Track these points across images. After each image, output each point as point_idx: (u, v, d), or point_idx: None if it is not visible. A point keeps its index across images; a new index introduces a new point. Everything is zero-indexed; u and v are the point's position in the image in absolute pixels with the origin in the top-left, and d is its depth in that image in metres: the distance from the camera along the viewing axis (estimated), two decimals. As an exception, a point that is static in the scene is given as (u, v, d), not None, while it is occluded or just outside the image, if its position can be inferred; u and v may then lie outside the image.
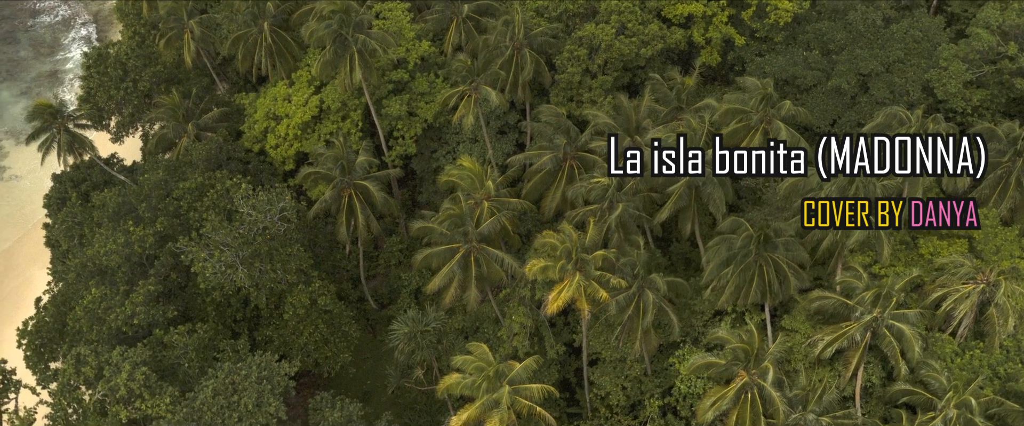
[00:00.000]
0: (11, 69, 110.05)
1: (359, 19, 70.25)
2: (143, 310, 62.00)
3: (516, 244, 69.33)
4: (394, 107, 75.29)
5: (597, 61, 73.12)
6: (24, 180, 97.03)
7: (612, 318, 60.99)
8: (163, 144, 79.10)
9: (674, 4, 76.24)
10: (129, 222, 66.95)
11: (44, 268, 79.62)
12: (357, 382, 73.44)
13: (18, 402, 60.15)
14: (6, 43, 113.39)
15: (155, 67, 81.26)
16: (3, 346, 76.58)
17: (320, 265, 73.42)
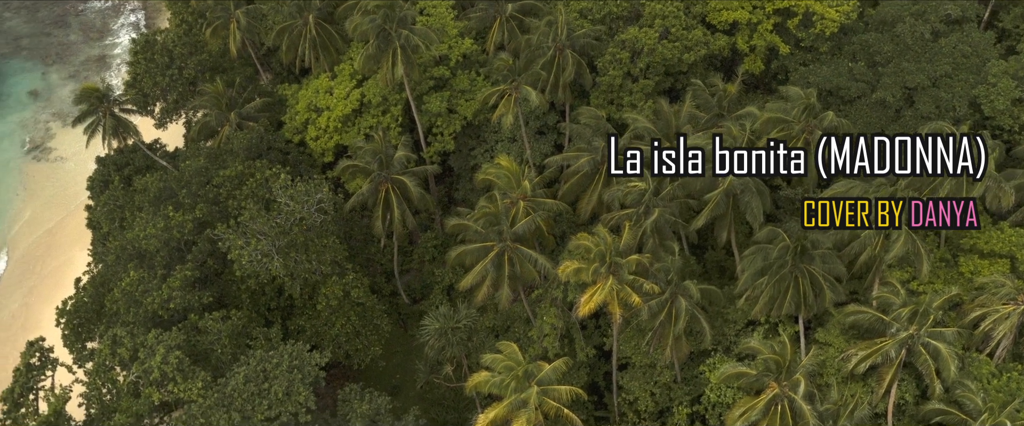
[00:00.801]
0: (61, 52, 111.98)
1: (403, 15, 70.59)
2: (179, 295, 62.77)
3: (550, 245, 69.27)
4: (434, 103, 75.55)
5: (639, 65, 72.85)
6: (69, 162, 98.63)
7: (644, 323, 60.75)
8: (205, 132, 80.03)
9: (719, 10, 75.79)
10: (169, 207, 67.82)
11: (85, 249, 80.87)
12: (387, 375, 73.82)
13: (54, 380, 61.13)
14: (57, 27, 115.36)
15: (201, 55, 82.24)
16: (42, 324, 77.98)
17: (354, 258, 73.87)
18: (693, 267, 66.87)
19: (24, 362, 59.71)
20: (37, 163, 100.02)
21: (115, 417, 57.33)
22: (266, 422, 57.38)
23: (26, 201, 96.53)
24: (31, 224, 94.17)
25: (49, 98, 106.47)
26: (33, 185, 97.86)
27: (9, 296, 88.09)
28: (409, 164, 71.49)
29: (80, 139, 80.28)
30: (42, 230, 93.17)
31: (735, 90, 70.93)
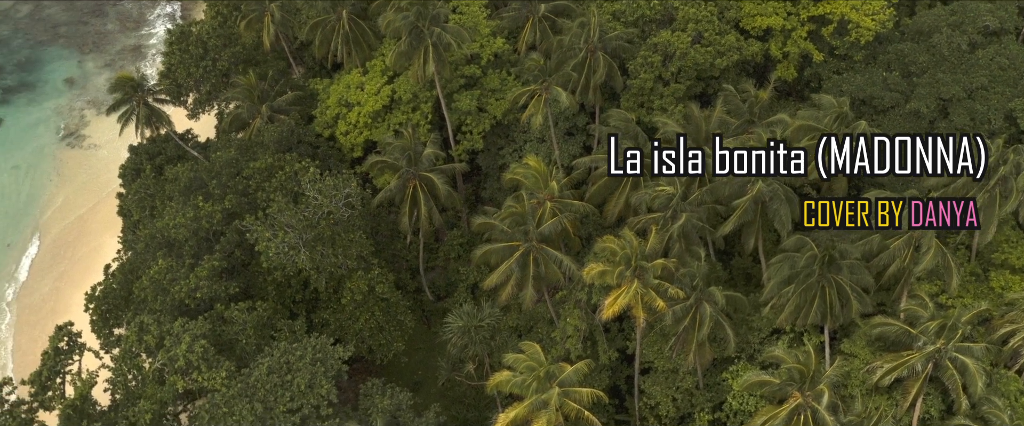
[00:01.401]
0: (98, 41, 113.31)
1: (436, 12, 70.76)
2: (206, 284, 63.31)
3: (576, 246, 69.17)
4: (464, 102, 75.67)
5: (671, 69, 72.58)
6: (102, 149, 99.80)
7: (667, 328, 60.51)
8: (237, 123, 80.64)
9: (753, 16, 75.37)
10: (199, 197, 68.41)
11: (115, 236, 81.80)
12: (408, 371, 74.04)
13: (81, 364, 61.86)
14: (95, 16, 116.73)
15: (234, 48, 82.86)
16: (71, 309, 78.97)
17: (380, 253, 74.16)
18: (719, 273, 66.52)
19: (52, 346, 60.48)
20: (71, 150, 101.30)
21: (140, 403, 57.91)
22: (288, 414, 57.75)
23: (59, 187, 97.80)
24: (63, 209, 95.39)
25: (85, 86, 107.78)
26: (66, 171, 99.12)
27: (40, 280, 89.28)
28: (437, 161, 71.66)
29: (114, 127, 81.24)
30: (74, 216, 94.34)
31: (767, 96, 70.48)
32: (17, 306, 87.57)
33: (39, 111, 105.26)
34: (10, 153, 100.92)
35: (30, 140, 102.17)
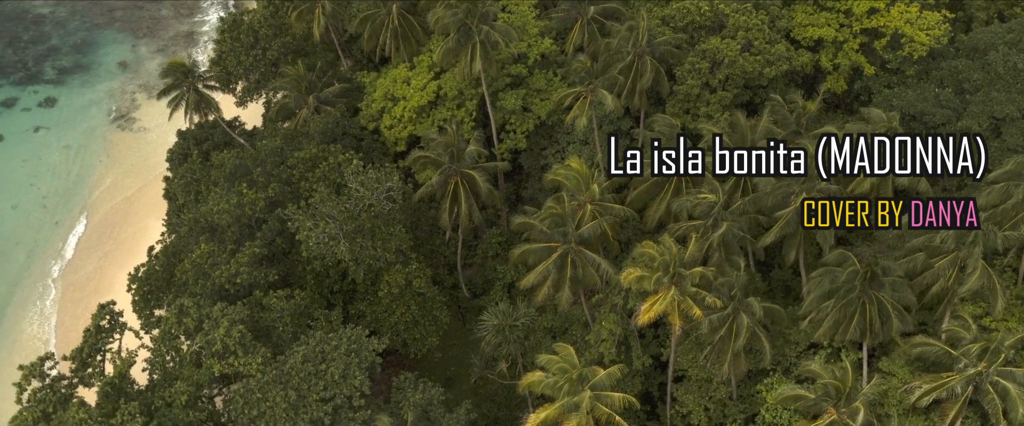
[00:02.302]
0: (152, 26, 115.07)
1: (485, 10, 70.90)
2: (246, 270, 64.03)
3: (615, 250, 68.95)
4: (509, 101, 75.74)
5: (718, 76, 72.04)
6: (151, 133, 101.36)
7: (703, 337, 60.09)
8: (283, 113, 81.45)
9: (805, 26, 74.62)
10: (243, 184, 69.20)
11: (160, 219, 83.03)
12: (441, 367, 74.29)
13: (122, 343, 62.84)
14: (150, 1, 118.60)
15: (285, 38, 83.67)
16: (114, 288, 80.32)
17: (419, 248, 74.49)
18: (758, 284, 65.92)
19: (94, 323, 61.46)
20: (121, 132, 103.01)
21: (176, 384, 58.71)
22: (320, 403, 58.24)
23: (108, 168, 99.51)
24: (111, 190, 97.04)
25: (137, 70, 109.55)
26: (116, 153, 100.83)
27: (86, 258, 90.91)
28: (480, 159, 71.80)
29: (163, 111, 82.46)
30: (121, 197, 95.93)
31: (815, 108, 69.68)
32: (62, 283, 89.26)
33: (92, 93, 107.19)
34: (63, 132, 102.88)
35: (82, 121, 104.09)
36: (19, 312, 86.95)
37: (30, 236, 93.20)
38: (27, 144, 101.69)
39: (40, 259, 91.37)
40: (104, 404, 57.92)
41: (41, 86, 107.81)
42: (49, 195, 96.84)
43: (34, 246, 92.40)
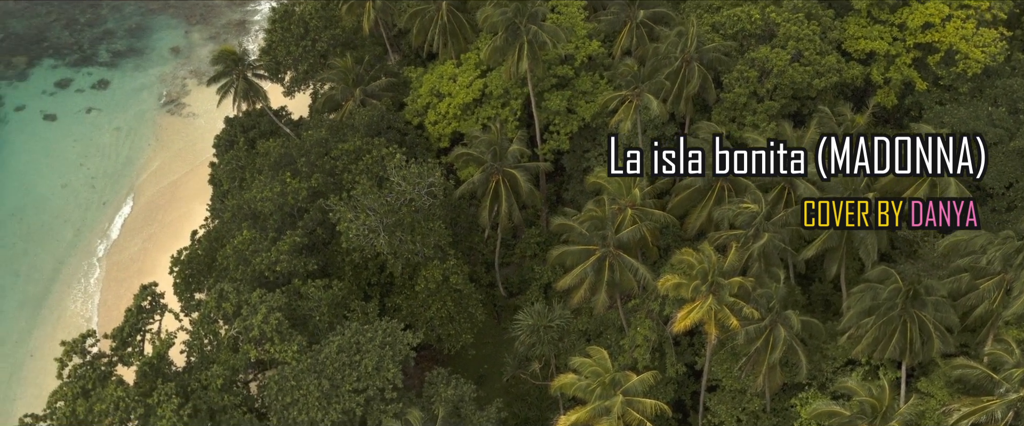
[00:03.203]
0: (205, 14, 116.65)
1: (534, 10, 70.88)
2: (286, 259, 64.68)
3: (653, 256, 68.62)
4: (554, 101, 75.68)
5: (766, 85, 71.38)
6: (200, 119, 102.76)
7: (739, 347, 59.58)
8: (330, 104, 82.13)
9: (857, 39, 73.70)
10: (287, 173, 69.91)
11: (204, 204, 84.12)
12: (474, 364, 74.46)
13: (162, 324, 63.81)
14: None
15: (334, 30, 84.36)
16: (157, 270, 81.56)
17: (457, 244, 74.71)
18: (797, 297, 65.22)
19: (136, 304, 62.49)
20: (170, 116, 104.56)
21: (213, 368, 59.49)
22: (353, 393, 58.69)
23: (156, 151, 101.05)
24: (158, 174, 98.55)
25: (189, 56, 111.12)
26: (164, 137, 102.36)
27: (131, 239, 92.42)
28: (522, 159, 71.82)
29: (212, 98, 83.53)
30: (167, 181, 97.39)
31: (863, 122, 68.77)
32: (107, 262, 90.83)
33: (144, 77, 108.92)
34: (114, 114, 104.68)
35: (133, 104, 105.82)
36: (64, 289, 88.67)
37: (78, 215, 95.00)
38: (79, 125, 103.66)
39: (87, 238, 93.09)
40: (142, 383, 58.86)
41: (95, 68, 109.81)
42: (98, 175, 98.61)
43: (81, 225, 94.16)
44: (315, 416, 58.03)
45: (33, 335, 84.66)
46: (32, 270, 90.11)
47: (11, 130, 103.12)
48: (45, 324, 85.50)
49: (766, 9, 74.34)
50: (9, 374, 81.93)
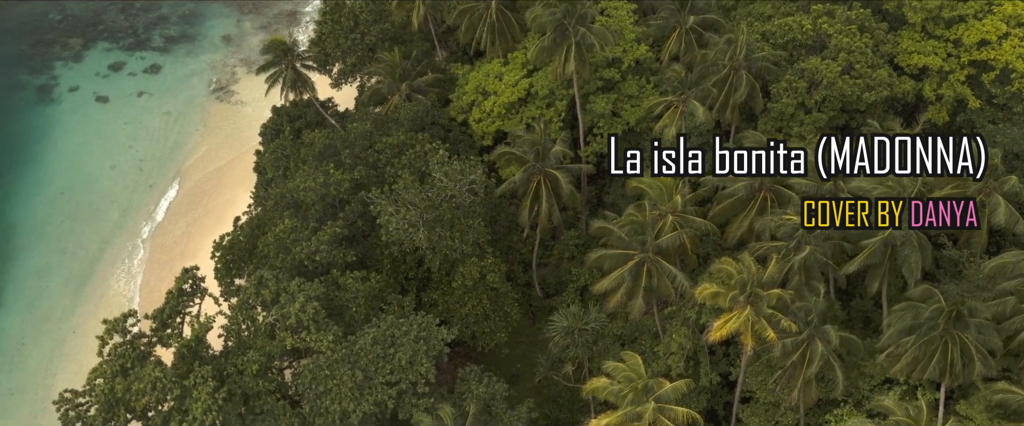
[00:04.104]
0: (257, 3, 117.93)
1: (583, 12, 70.73)
2: (326, 249, 65.19)
3: (692, 264, 68.17)
4: (599, 104, 75.49)
5: (814, 97, 70.59)
6: (248, 106, 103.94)
7: (775, 360, 59.01)
8: (376, 98, 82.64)
9: (910, 53, 72.64)
10: (331, 165, 70.47)
11: (248, 191, 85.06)
12: (507, 363, 74.51)
13: (201, 308, 64.61)
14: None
15: (384, 24, 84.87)
16: (199, 254, 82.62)
17: (496, 243, 74.79)
18: (836, 312, 64.40)
19: (177, 286, 63.33)
20: (219, 103, 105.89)
21: (249, 353, 60.14)
22: (386, 386, 59.04)
23: (204, 136, 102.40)
24: (205, 159, 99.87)
25: (240, 44, 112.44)
26: (212, 123, 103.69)
27: (175, 222, 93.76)
28: (564, 160, 71.71)
29: (261, 87, 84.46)
30: (213, 166, 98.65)
31: (913, 138, 67.76)
32: (151, 244, 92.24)
33: (195, 63, 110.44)
34: (164, 99, 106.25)
35: (184, 90, 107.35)
36: (108, 268, 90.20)
37: (125, 196, 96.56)
38: (130, 107, 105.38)
39: (132, 219, 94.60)
40: (179, 365, 59.68)
41: (148, 53, 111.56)
42: (146, 158, 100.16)
43: (128, 206, 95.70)
44: (347, 406, 58.46)
45: (76, 312, 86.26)
46: (78, 248, 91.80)
47: (64, 110, 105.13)
48: (88, 302, 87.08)
49: (818, 20, 73.51)
50: (51, 349, 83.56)
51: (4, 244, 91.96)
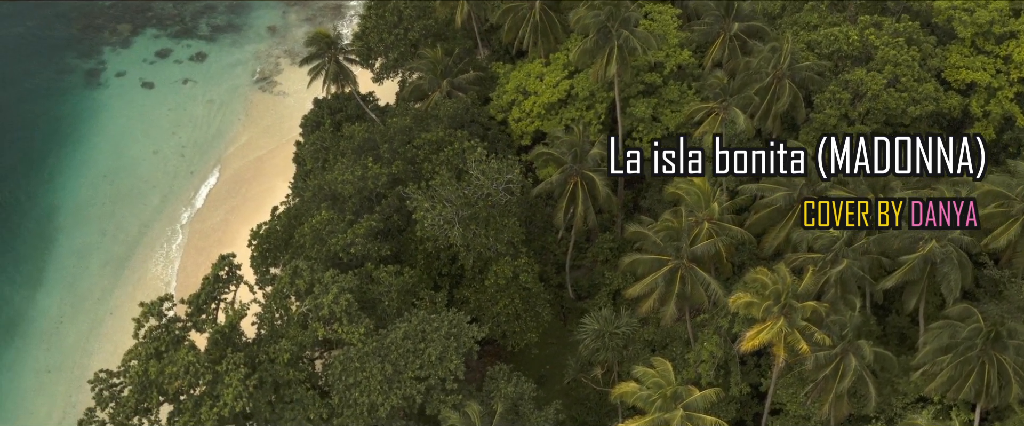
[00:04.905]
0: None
1: (627, 15, 70.48)
2: (361, 242, 65.58)
3: (726, 272, 67.69)
4: (640, 108, 75.19)
5: (858, 109, 69.76)
6: (289, 98, 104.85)
7: (807, 373, 58.41)
8: (416, 93, 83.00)
9: (958, 68, 71.54)
10: (369, 158, 70.88)
11: (287, 181, 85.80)
12: (537, 364, 74.49)
13: (236, 295, 65.26)
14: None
15: (427, 21, 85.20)
16: (236, 242, 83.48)
17: (530, 243, 74.78)
18: (872, 327, 63.60)
19: (214, 273, 64.00)
20: (262, 93, 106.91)
21: (281, 342, 60.64)
22: (415, 381, 59.29)
23: (245, 126, 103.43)
24: (245, 148, 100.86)
25: (284, 36, 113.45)
26: (254, 112, 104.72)
27: (214, 209, 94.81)
28: (602, 163, 71.50)
29: (303, 78, 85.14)
30: (254, 156, 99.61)
31: (958, 154, 66.75)
32: (189, 230, 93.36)
33: (240, 53, 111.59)
34: (208, 87, 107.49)
35: (227, 78, 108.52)
36: (147, 252, 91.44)
37: (166, 182, 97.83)
38: (175, 94, 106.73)
39: (172, 205, 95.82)
40: (212, 350, 60.33)
41: (194, 41, 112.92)
42: (188, 145, 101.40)
43: (168, 192, 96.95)
44: (376, 399, 58.77)
45: (114, 294, 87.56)
46: (118, 231, 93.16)
47: (110, 94, 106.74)
48: (126, 284, 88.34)
49: (865, 31, 72.63)
50: (89, 329, 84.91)
51: (46, 224, 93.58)
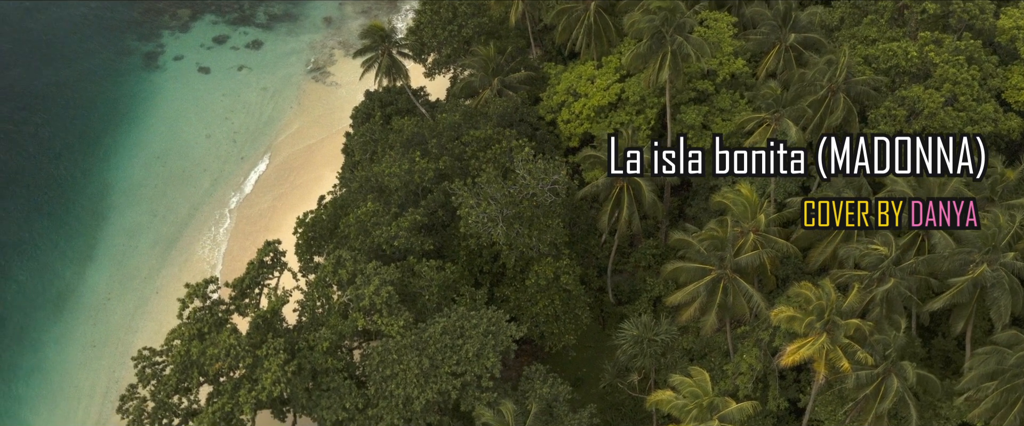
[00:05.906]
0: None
1: (682, 21, 70.01)
2: (405, 235, 65.97)
3: (770, 285, 66.97)
4: (690, 115, 74.66)
5: (914, 126, 68.53)
6: (341, 89, 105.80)
7: (847, 392, 57.56)
8: (467, 90, 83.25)
9: (1020, 89, 69.95)
10: (417, 152, 71.27)
11: (334, 171, 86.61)
12: (573, 366, 74.35)
13: (279, 281, 66.04)
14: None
15: (481, 18, 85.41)
16: (282, 228, 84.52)
17: (573, 245, 74.65)
18: (916, 349, 62.50)
19: (259, 258, 64.86)
20: (314, 83, 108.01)
21: (321, 330, 61.25)
22: (451, 376, 59.50)
23: (297, 114, 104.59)
24: (295, 136, 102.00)
25: (339, 27, 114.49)
26: (306, 102, 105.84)
27: (262, 195, 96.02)
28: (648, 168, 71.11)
29: (356, 70, 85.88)
30: (303, 144, 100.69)
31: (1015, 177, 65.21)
32: (237, 215, 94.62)
33: (295, 42, 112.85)
34: (262, 75, 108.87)
35: (282, 67, 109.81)
36: (195, 234, 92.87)
37: (217, 166, 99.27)
38: (230, 80, 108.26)
39: (222, 189, 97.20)
40: (253, 334, 61.12)
41: (251, 29, 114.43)
42: (240, 131, 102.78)
43: (219, 176, 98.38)
44: (412, 392, 59.10)
45: (161, 273, 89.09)
46: (168, 212, 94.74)
47: (167, 77, 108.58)
48: (173, 265, 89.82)
49: (925, 48, 71.38)
50: (135, 307, 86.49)
51: (99, 201, 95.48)
